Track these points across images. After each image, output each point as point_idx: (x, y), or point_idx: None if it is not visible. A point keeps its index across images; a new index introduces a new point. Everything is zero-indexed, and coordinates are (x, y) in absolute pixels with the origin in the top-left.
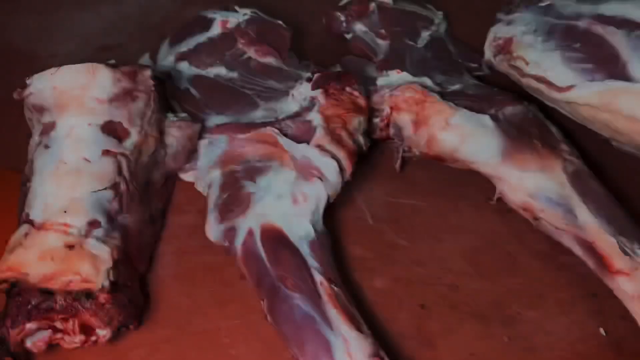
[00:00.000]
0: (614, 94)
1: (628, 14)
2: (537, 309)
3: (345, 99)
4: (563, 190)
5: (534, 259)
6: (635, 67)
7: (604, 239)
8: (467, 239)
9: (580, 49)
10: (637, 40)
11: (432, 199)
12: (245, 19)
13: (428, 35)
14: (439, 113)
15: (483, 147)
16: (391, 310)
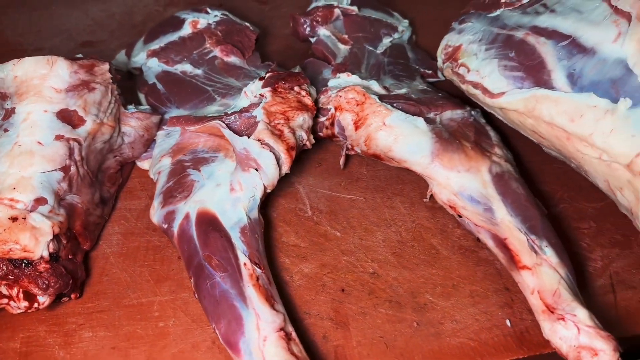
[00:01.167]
0: (536, 101)
1: (557, 25)
2: (450, 299)
3: (292, 98)
4: (485, 190)
5: (455, 253)
6: (557, 76)
7: (515, 236)
8: (396, 232)
9: (514, 57)
10: (562, 51)
11: (370, 194)
12: (215, 20)
13: (389, 42)
14: (376, 114)
15: (414, 147)
16: (313, 293)
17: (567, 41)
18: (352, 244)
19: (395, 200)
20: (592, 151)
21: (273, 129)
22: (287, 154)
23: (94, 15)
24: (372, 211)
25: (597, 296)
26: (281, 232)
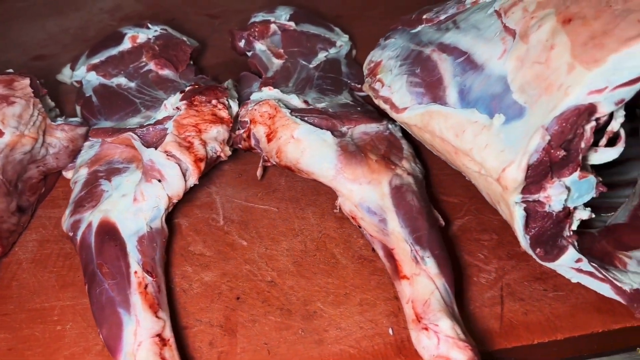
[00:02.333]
0: (430, 116)
1: (458, 42)
2: (339, 307)
3: (207, 111)
4: (382, 201)
5: (354, 263)
6: (450, 92)
7: (401, 247)
8: (302, 242)
9: (419, 74)
10: (458, 67)
11: (284, 205)
12: (154, 34)
13: (324, 56)
14: (285, 127)
15: (320, 159)
16: (209, 301)
17: (463, 57)
18: (256, 253)
19: (307, 211)
20: (473, 165)
21: (182, 140)
22: (194, 165)
23: (50, 29)
24: (282, 221)
25: (485, 307)
26: (189, 241)
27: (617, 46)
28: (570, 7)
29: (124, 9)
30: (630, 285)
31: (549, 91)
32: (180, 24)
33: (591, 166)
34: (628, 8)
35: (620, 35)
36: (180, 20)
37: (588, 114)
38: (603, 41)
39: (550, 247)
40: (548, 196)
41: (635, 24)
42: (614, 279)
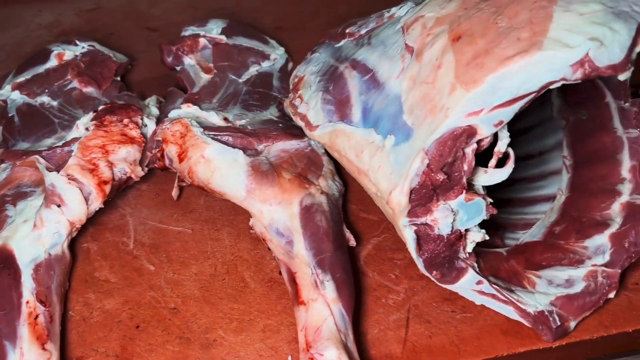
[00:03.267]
0: (336, 135)
1: (366, 59)
2: (241, 334)
3: (116, 131)
4: (291, 223)
5: (263, 286)
6: (355, 111)
7: (304, 271)
8: (212, 265)
9: (331, 90)
10: (363, 85)
11: (199, 226)
12: (82, 51)
13: (256, 70)
14: (195, 147)
15: (230, 180)
16: (107, 330)
17: (368, 75)
18: (163, 279)
19: (222, 232)
20: (371, 186)
21: (87, 163)
22: (98, 188)
23: None
24: (195, 244)
25: (389, 330)
26: (96, 267)
27: (495, 66)
28: (462, 23)
29: (62, 24)
30: (535, 307)
31: (433, 113)
32: (118, 38)
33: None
34: (511, 25)
35: (500, 55)
36: (118, 34)
37: (467, 136)
38: (484, 60)
39: (447, 270)
40: (435, 219)
41: (515, 42)
42: (518, 300)
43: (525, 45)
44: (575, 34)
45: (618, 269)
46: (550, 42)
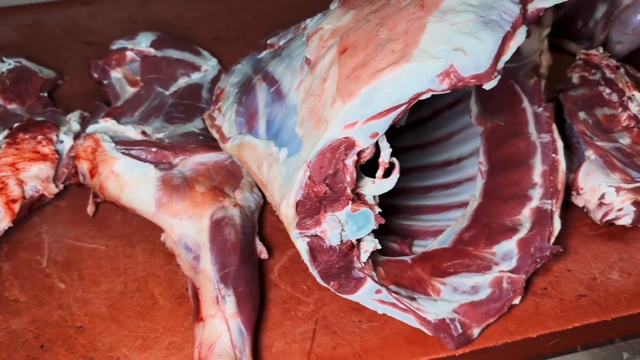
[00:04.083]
0: (243, 147)
1: (275, 70)
2: (145, 352)
3: (28, 148)
4: (200, 237)
5: (172, 303)
6: (261, 123)
7: (207, 286)
8: (123, 282)
9: (244, 102)
10: (269, 97)
11: (114, 243)
12: (8, 68)
13: (184, 82)
14: (104, 162)
15: (139, 195)
16: (11, 350)
17: (274, 87)
18: (72, 297)
19: (137, 248)
20: (271, 199)
21: None
22: (6, 207)
23: None
24: (108, 260)
25: (295, 343)
26: (7, 286)
27: (368, 79)
28: (351, 36)
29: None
30: (436, 314)
31: (317, 125)
32: (54, 53)
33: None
34: (389, 37)
35: (374, 67)
36: (54, 49)
37: (345, 148)
38: (360, 73)
39: (345, 280)
40: (324, 230)
41: (389, 54)
42: (418, 309)
43: (397, 57)
44: (443, 45)
45: (523, 274)
46: (419, 53)
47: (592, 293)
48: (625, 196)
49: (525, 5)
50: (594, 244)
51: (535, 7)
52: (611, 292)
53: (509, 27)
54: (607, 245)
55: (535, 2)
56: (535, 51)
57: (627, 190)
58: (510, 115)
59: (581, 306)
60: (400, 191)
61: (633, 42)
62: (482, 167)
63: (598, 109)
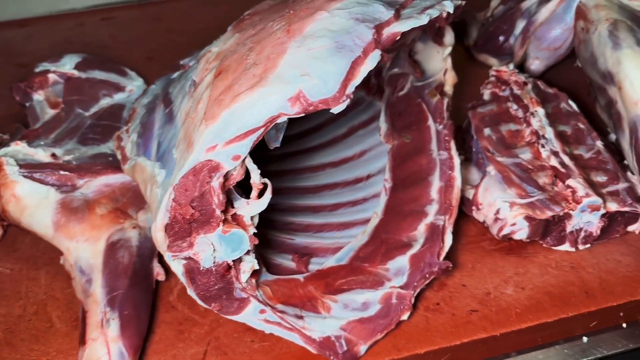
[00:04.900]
0: (135, 169)
1: (172, 91)
2: None
3: None
4: (94, 260)
5: (68, 326)
6: (153, 143)
7: (94, 310)
8: (22, 306)
9: (145, 123)
10: (163, 118)
11: (20, 266)
12: None
13: (106, 103)
14: (5, 185)
15: (38, 218)
16: None
17: (168, 108)
18: None
19: (41, 271)
20: None
21: None
22: None
23: None
24: (11, 284)
25: None
26: None
27: (229, 102)
28: (228, 59)
29: None
30: (321, 332)
31: (187, 148)
32: None
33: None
34: (255, 62)
35: (236, 90)
36: None
37: (209, 170)
38: (224, 97)
39: (227, 301)
40: (196, 252)
41: (251, 78)
42: (303, 327)
43: (254, 82)
44: (295, 70)
45: (411, 290)
46: (274, 78)
47: (484, 308)
48: (518, 211)
49: (379, 30)
50: (492, 259)
51: (391, 32)
52: (503, 307)
53: (360, 52)
54: (505, 259)
55: (389, 27)
56: (439, 70)
57: (520, 205)
58: (416, 132)
59: (472, 321)
60: (308, 209)
61: (549, 57)
62: (386, 184)
63: (504, 125)
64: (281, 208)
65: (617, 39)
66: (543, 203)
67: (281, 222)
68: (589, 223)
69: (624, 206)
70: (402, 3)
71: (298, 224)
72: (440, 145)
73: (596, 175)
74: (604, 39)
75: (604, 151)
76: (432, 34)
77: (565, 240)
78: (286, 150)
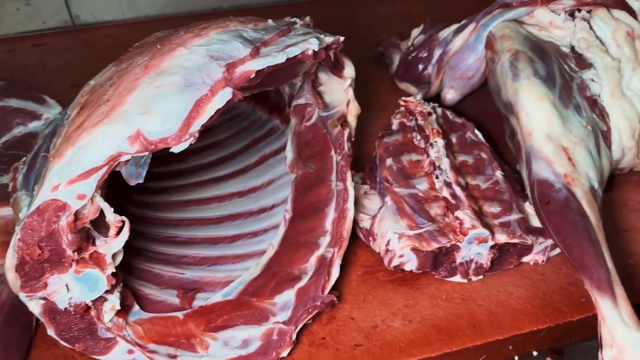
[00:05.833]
0: (15, 203)
1: (59, 124)
2: None
3: None
4: None
5: None
6: (32, 177)
7: None
8: None
9: (35, 155)
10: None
11: None
12: None
13: (19, 132)
14: None
15: None
16: None
17: (51, 142)
18: None
19: None
20: None
21: None
22: None
23: None
24: None
25: None
26: None
27: (75, 139)
28: (94, 92)
29: None
30: None
31: (40, 186)
32: None
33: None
34: (109, 98)
35: (83, 127)
36: None
37: (55, 210)
38: (73, 133)
39: (92, 341)
40: (50, 293)
41: (99, 115)
42: None
43: (100, 119)
44: (138, 107)
45: (293, 325)
46: (117, 115)
47: (369, 342)
48: (405, 243)
49: (231, 68)
50: (384, 290)
51: (244, 70)
52: (388, 341)
53: (207, 90)
54: (396, 291)
55: (243, 66)
56: (342, 101)
57: (407, 237)
58: (320, 162)
59: (355, 356)
60: (207, 240)
61: (464, 86)
62: (287, 214)
63: (406, 155)
64: (179, 241)
65: (517, 70)
66: (431, 235)
67: (175, 255)
68: (479, 255)
69: (513, 238)
70: (265, 41)
71: (193, 257)
72: (338, 175)
73: (490, 206)
74: (506, 70)
75: (502, 181)
76: (329, 66)
77: (457, 272)
78: (195, 180)
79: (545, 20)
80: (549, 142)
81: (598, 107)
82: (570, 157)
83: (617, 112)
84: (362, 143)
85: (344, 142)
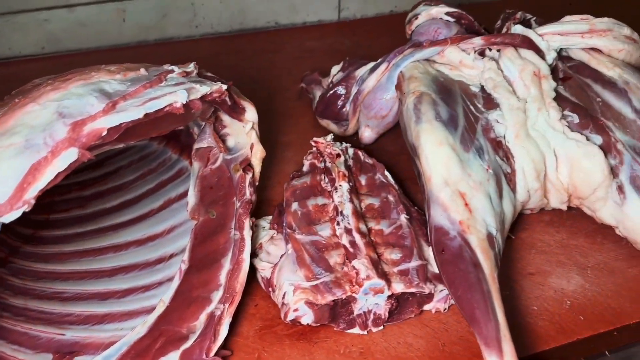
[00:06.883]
0: None
1: None
2: None
3: None
4: None
5: None
6: None
7: None
8: None
9: None
10: None
11: None
12: None
13: None
14: None
15: None
16: None
17: None
18: None
19: None
20: None
21: None
22: None
23: None
24: None
25: None
26: None
27: None
28: None
29: None
30: None
31: None
32: None
33: None
34: None
35: None
36: None
37: None
38: None
39: None
40: None
41: None
42: None
43: None
44: None
45: None
46: None
47: None
48: (299, 296)
49: (77, 127)
50: (281, 347)
51: (94, 128)
52: None
53: (47, 152)
54: (293, 346)
55: (93, 123)
56: (245, 145)
57: (302, 290)
58: (222, 208)
59: None
60: (96, 296)
61: (379, 125)
62: (183, 265)
63: (312, 199)
64: (65, 297)
65: (419, 113)
66: (326, 286)
67: (59, 314)
68: (376, 305)
69: (410, 287)
70: (126, 94)
71: (77, 315)
72: (236, 224)
73: (391, 253)
74: (410, 112)
75: (405, 226)
76: (226, 110)
77: (355, 324)
78: (94, 227)
79: (456, 59)
80: (446, 188)
81: (502, 149)
82: (467, 203)
83: (522, 154)
84: (277, 184)
85: (244, 187)
